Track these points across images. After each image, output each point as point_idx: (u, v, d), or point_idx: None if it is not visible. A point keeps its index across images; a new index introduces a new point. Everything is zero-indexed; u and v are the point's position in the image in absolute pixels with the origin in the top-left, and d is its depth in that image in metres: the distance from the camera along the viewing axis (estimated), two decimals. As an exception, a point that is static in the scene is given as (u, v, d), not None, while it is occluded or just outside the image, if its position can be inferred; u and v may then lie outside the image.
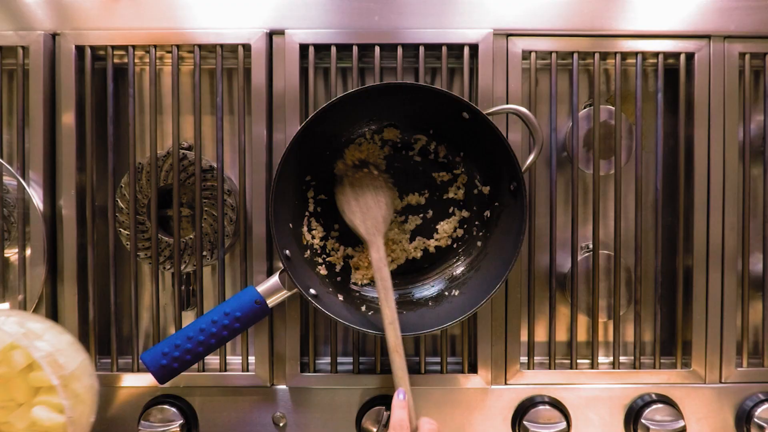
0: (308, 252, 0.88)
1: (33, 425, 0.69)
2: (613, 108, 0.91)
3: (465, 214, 0.90)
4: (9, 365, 0.69)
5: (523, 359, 0.92)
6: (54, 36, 0.89)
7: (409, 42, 0.88)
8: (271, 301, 0.83)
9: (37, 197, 0.88)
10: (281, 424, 0.90)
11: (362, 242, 0.86)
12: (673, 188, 0.92)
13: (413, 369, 0.90)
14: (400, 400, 0.75)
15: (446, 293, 0.89)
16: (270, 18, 0.89)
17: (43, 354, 0.69)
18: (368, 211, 0.84)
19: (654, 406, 0.87)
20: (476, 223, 0.90)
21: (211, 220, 0.92)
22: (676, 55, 0.91)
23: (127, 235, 0.91)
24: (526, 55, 0.90)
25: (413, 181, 0.90)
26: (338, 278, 0.90)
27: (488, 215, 0.89)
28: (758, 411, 0.87)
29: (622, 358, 0.95)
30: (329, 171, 0.88)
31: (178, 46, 0.89)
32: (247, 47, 0.88)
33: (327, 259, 0.90)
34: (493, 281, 0.82)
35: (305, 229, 0.88)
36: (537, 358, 0.93)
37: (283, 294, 0.83)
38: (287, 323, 0.89)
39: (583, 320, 0.95)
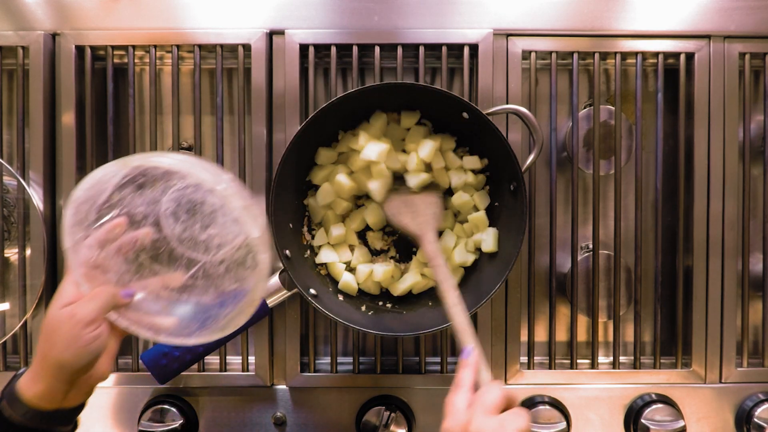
0: (308, 252, 0.88)
1: None
2: (613, 108, 0.91)
3: (465, 214, 0.90)
4: None
5: (523, 359, 0.92)
6: (54, 36, 0.89)
7: (409, 42, 0.88)
8: (271, 301, 0.83)
9: (37, 197, 0.88)
10: (281, 424, 0.90)
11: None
12: (673, 188, 0.92)
13: (413, 369, 0.91)
14: (465, 359, 0.68)
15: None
16: (270, 18, 0.89)
17: None
18: (418, 211, 0.82)
19: (654, 406, 0.87)
20: (476, 223, 0.90)
21: (211, 220, 0.91)
22: (676, 55, 0.91)
23: (127, 235, 0.90)
24: (526, 55, 0.90)
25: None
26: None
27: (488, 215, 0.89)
28: (758, 411, 0.87)
29: (622, 358, 0.94)
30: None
31: (178, 46, 0.89)
32: (247, 47, 0.88)
33: (327, 259, 0.90)
34: (493, 281, 0.82)
35: (305, 229, 0.88)
36: (537, 358, 0.93)
37: (283, 294, 0.83)
38: (287, 323, 0.89)
39: (583, 320, 0.95)
